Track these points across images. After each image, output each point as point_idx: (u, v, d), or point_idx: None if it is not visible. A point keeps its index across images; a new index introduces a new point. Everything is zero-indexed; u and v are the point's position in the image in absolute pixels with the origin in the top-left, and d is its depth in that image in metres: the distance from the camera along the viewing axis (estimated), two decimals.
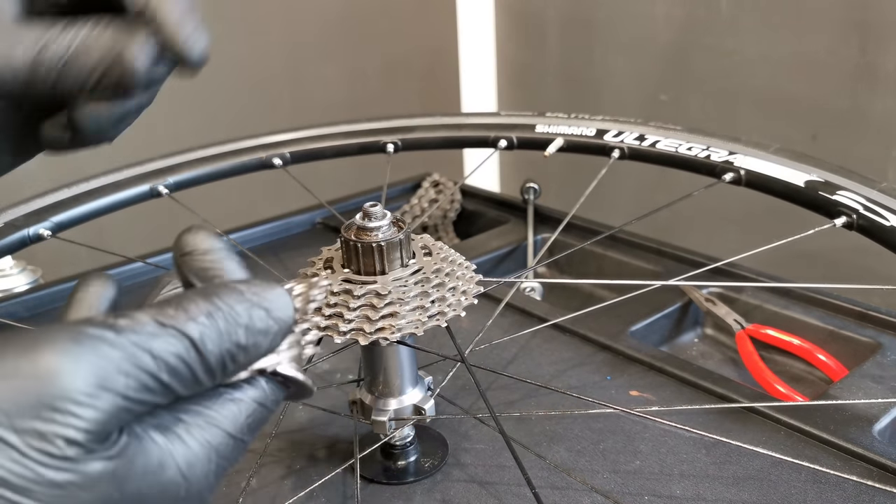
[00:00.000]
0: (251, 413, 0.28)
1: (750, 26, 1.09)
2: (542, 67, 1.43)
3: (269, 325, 0.27)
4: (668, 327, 0.66)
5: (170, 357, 0.24)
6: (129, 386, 0.23)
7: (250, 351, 0.27)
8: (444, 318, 0.41)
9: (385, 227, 0.41)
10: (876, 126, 1.00)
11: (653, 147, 0.66)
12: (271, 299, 0.27)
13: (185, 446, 0.25)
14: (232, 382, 0.28)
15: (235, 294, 0.27)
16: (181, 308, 0.25)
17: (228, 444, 0.27)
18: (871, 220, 0.53)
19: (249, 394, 0.28)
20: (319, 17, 1.34)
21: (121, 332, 0.24)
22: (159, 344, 0.24)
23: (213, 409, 0.27)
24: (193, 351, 0.25)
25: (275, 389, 0.29)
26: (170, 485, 0.25)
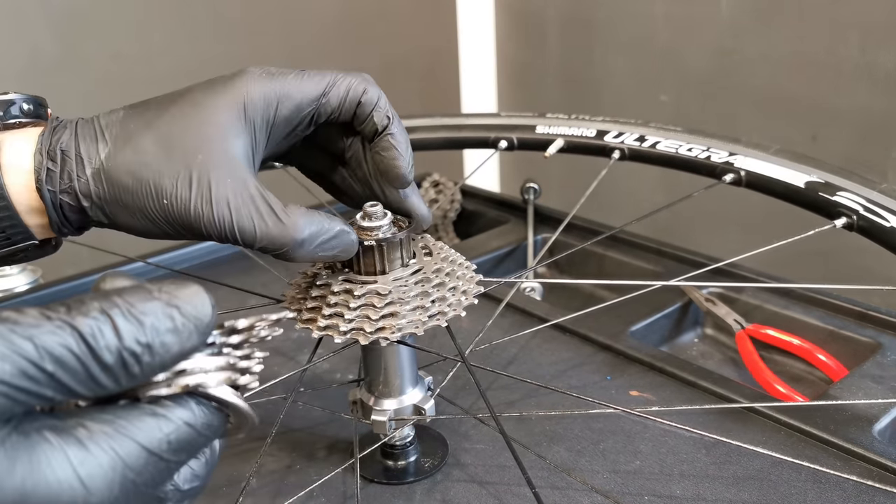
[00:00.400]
0: (174, 430, 0.26)
1: (750, 26, 1.09)
2: (542, 67, 1.43)
3: (179, 323, 0.26)
4: (668, 327, 0.66)
5: (55, 347, 0.23)
6: (5, 370, 0.22)
7: (157, 351, 0.25)
8: (444, 317, 0.41)
9: (385, 226, 0.41)
10: (876, 126, 1.00)
11: (653, 148, 0.66)
12: (183, 297, 0.26)
13: (85, 450, 0.24)
14: (156, 397, 0.26)
15: (140, 292, 0.25)
16: (73, 306, 0.24)
17: (141, 457, 0.25)
18: (872, 220, 0.53)
19: (174, 411, 0.26)
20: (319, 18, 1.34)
21: (1, 321, 0.23)
22: (41, 333, 0.23)
23: (125, 419, 0.25)
24: (83, 344, 0.24)
25: (206, 413, 0.27)
26: (63, 487, 0.23)
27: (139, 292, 0.25)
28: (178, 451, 0.26)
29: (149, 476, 0.26)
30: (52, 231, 0.39)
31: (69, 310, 0.24)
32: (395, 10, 1.44)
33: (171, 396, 0.27)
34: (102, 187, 0.37)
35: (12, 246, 0.38)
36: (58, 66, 1.06)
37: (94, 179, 0.37)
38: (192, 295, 0.26)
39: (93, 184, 0.37)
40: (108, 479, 0.24)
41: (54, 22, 1.06)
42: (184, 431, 0.26)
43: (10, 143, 0.37)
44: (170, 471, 0.27)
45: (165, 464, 0.26)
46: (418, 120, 0.77)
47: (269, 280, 0.73)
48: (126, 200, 0.37)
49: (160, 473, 0.26)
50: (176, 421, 0.26)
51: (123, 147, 0.37)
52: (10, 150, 0.37)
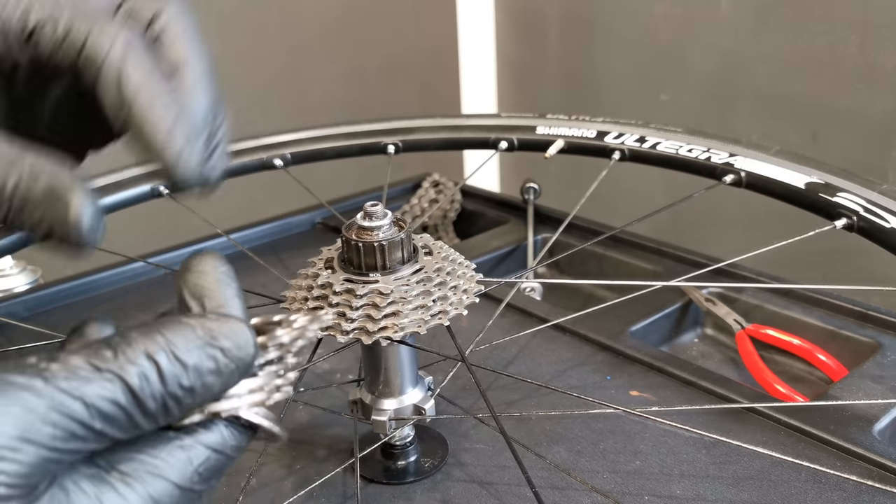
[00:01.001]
0: (204, 461, 0.25)
1: (750, 25, 1.10)
2: (542, 67, 1.43)
3: (222, 364, 0.25)
4: (668, 327, 0.66)
5: (103, 404, 0.22)
6: (56, 436, 0.22)
7: (198, 393, 0.24)
8: (445, 316, 0.41)
9: (386, 226, 0.41)
10: (876, 126, 1.00)
11: (653, 149, 0.66)
12: (227, 335, 0.25)
13: (123, 499, 0.23)
14: (184, 426, 0.26)
15: (184, 329, 0.24)
16: (119, 349, 0.23)
17: (173, 496, 0.25)
18: (872, 221, 0.53)
19: (204, 439, 0.26)
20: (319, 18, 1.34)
21: (50, 379, 0.22)
22: (92, 390, 0.22)
23: (157, 457, 0.25)
24: (130, 395, 0.23)
25: (236, 435, 0.26)
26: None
27: (182, 330, 0.24)
28: (209, 479, 0.26)
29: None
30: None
31: (116, 355, 0.23)
32: (395, 11, 1.44)
33: (202, 423, 0.26)
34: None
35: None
36: None
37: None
38: (236, 333, 0.25)
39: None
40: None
41: None
42: (214, 459, 0.26)
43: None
44: (199, 498, 0.26)
45: (197, 495, 0.26)
46: (418, 121, 0.77)
47: (268, 280, 0.73)
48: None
49: (192, 501, 0.26)
50: (205, 450, 0.26)
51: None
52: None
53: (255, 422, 0.27)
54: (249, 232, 0.84)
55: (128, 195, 0.71)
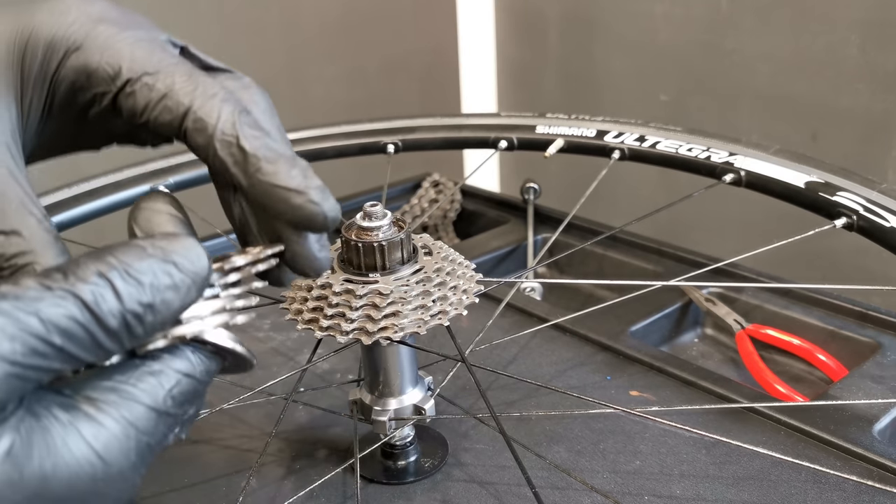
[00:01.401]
0: (175, 384, 0.26)
1: (750, 25, 1.10)
2: (542, 67, 1.43)
3: (177, 279, 0.25)
4: (668, 327, 0.66)
5: (60, 319, 0.22)
6: (16, 350, 0.21)
7: (159, 309, 0.24)
8: (445, 317, 0.41)
9: (386, 226, 0.41)
10: (876, 126, 1.00)
11: (653, 148, 0.66)
12: (178, 251, 0.25)
13: (98, 424, 0.24)
14: (151, 352, 0.26)
15: (135, 249, 0.25)
16: (70, 271, 0.23)
17: (150, 419, 0.25)
18: (872, 221, 0.53)
19: (172, 364, 0.26)
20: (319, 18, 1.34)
21: (2, 297, 0.22)
22: (45, 306, 0.22)
23: (128, 382, 0.25)
24: (87, 312, 0.23)
25: (204, 359, 0.27)
26: (82, 465, 0.23)
27: (133, 250, 0.25)
28: (183, 404, 0.26)
29: (160, 434, 0.25)
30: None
31: (66, 276, 0.23)
32: (395, 11, 1.44)
33: (168, 348, 0.26)
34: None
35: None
36: None
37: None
38: (187, 249, 0.26)
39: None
40: (123, 447, 0.24)
41: None
42: (185, 383, 0.26)
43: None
44: (176, 422, 0.26)
45: (172, 418, 0.26)
46: (418, 120, 0.77)
47: None
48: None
49: (168, 428, 0.26)
50: (175, 374, 0.26)
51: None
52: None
53: (221, 344, 0.27)
54: None
55: (128, 195, 0.71)
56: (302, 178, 0.29)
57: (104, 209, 0.70)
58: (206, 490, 0.47)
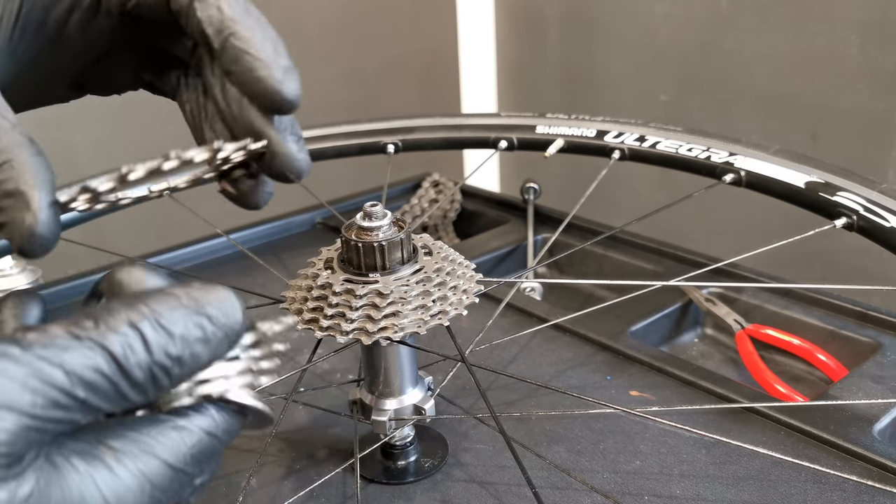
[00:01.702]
0: (196, 443, 0.25)
1: (750, 25, 1.10)
2: (542, 67, 1.43)
3: (209, 332, 0.24)
4: (668, 327, 0.66)
5: (85, 371, 0.22)
6: (37, 404, 0.21)
7: (187, 362, 0.24)
8: (445, 317, 0.41)
9: (386, 226, 0.41)
10: (876, 126, 1.00)
11: (653, 148, 0.66)
12: (213, 303, 0.24)
13: (113, 475, 0.23)
14: (176, 409, 0.26)
15: (169, 299, 0.24)
16: (101, 318, 0.23)
17: (166, 476, 0.24)
18: (872, 221, 0.53)
19: (196, 422, 0.25)
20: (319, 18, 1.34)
21: (28, 347, 0.22)
22: (72, 357, 0.22)
23: (149, 435, 0.24)
24: (114, 364, 0.22)
25: (227, 419, 0.26)
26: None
27: (167, 300, 0.24)
28: (200, 462, 0.26)
29: (173, 491, 0.25)
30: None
31: (96, 324, 0.23)
32: (394, 11, 1.44)
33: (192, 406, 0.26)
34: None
35: None
36: None
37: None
38: (222, 301, 0.25)
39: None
40: (136, 500, 0.24)
41: None
42: (206, 442, 0.26)
43: None
44: (191, 481, 0.26)
45: (188, 477, 0.26)
46: (418, 120, 0.77)
47: (269, 280, 0.73)
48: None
49: (182, 486, 0.26)
50: (198, 432, 0.26)
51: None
52: None
53: (245, 402, 0.27)
54: (249, 232, 0.84)
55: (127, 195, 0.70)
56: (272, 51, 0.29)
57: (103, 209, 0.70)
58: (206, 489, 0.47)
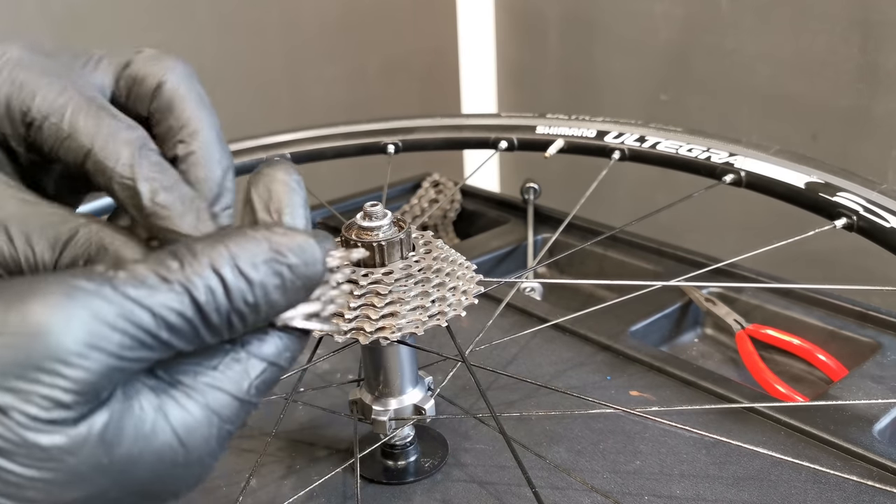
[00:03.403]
0: (261, 373, 0.26)
1: (750, 25, 1.09)
2: (542, 67, 1.43)
3: (287, 280, 0.24)
4: (668, 327, 0.66)
5: (170, 315, 0.22)
6: (124, 345, 0.22)
7: (263, 309, 0.24)
8: (444, 317, 0.41)
9: (386, 226, 0.41)
10: (876, 126, 1.00)
11: (653, 148, 0.66)
12: (294, 251, 0.25)
13: (184, 410, 0.24)
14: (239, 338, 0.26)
15: (250, 243, 0.24)
16: (185, 260, 0.23)
17: (233, 407, 0.25)
18: (872, 221, 0.53)
19: (259, 351, 0.26)
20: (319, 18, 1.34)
21: (118, 286, 0.22)
22: (160, 299, 0.22)
23: (216, 369, 0.25)
24: (196, 309, 0.23)
25: (289, 344, 0.26)
26: (165, 450, 0.23)
27: (249, 244, 0.24)
28: (263, 392, 0.26)
29: (238, 421, 0.25)
30: None
31: (182, 266, 0.23)
32: (395, 11, 1.44)
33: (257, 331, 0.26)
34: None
35: None
36: None
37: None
38: (304, 249, 0.25)
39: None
40: (205, 434, 0.24)
41: (54, 23, 1.06)
42: (269, 372, 0.26)
43: None
44: (252, 411, 0.26)
45: (252, 406, 0.26)
46: (418, 120, 0.77)
47: None
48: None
49: (246, 415, 0.26)
50: (262, 362, 0.26)
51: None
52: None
53: (311, 329, 0.26)
54: None
55: None
56: (195, 222, 0.28)
57: (103, 209, 0.70)
58: (206, 490, 0.47)
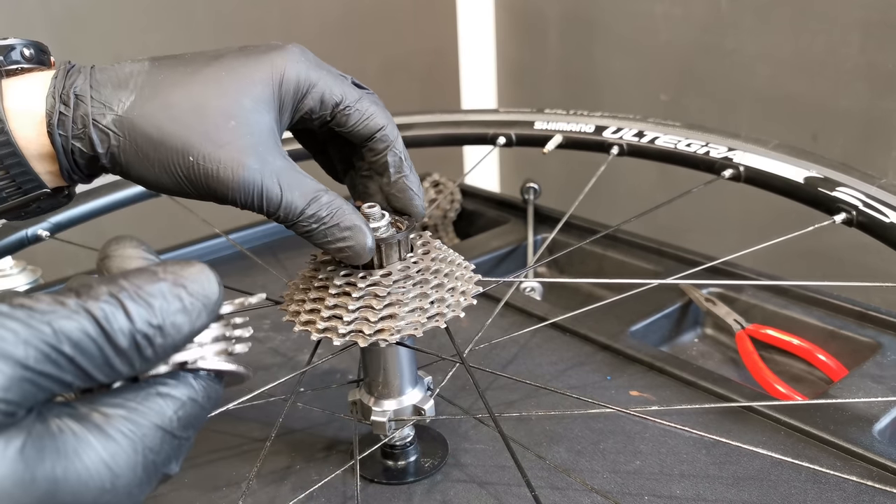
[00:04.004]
0: (180, 407, 0.27)
1: (750, 25, 1.09)
2: (542, 67, 1.43)
3: (187, 303, 0.26)
4: (668, 327, 0.66)
5: (72, 331, 0.23)
6: (29, 355, 0.23)
7: (168, 332, 0.25)
8: (442, 318, 0.41)
9: (384, 227, 0.41)
10: (876, 126, 1.00)
11: (652, 143, 0.66)
12: (189, 276, 0.26)
13: (106, 435, 0.24)
14: (157, 377, 0.27)
15: (146, 274, 0.26)
16: (82, 291, 0.24)
17: (157, 437, 0.26)
18: (871, 216, 0.53)
19: (178, 390, 0.27)
20: (319, 19, 1.34)
21: (17, 307, 0.23)
22: (57, 318, 0.23)
23: (135, 401, 0.26)
24: (97, 328, 0.24)
25: (206, 385, 0.28)
26: (92, 474, 0.24)
27: (145, 275, 0.26)
28: (187, 427, 0.27)
29: (164, 454, 0.26)
30: (62, 178, 0.38)
31: (79, 294, 0.24)
32: (395, 11, 1.44)
33: (171, 373, 0.27)
34: (124, 136, 0.37)
35: (24, 195, 0.38)
36: None
37: (114, 127, 0.37)
38: (198, 273, 0.27)
39: (111, 131, 0.37)
40: (130, 461, 0.25)
41: (54, 23, 1.06)
42: (189, 406, 0.27)
43: (16, 88, 0.37)
44: (180, 446, 0.27)
45: (177, 441, 0.27)
46: (416, 116, 0.77)
47: (268, 280, 0.73)
48: (147, 151, 0.37)
49: (173, 450, 0.27)
50: (181, 398, 0.27)
51: (151, 99, 0.37)
52: (16, 95, 0.36)
53: (221, 369, 0.28)
54: (248, 232, 0.84)
55: (126, 195, 0.71)
56: (418, 186, 0.44)
57: (103, 209, 0.70)
58: (207, 490, 0.47)
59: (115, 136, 0.37)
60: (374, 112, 0.42)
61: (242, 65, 0.39)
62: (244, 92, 0.38)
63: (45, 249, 0.69)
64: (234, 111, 0.38)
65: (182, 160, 0.37)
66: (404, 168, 0.43)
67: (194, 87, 0.38)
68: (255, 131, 0.38)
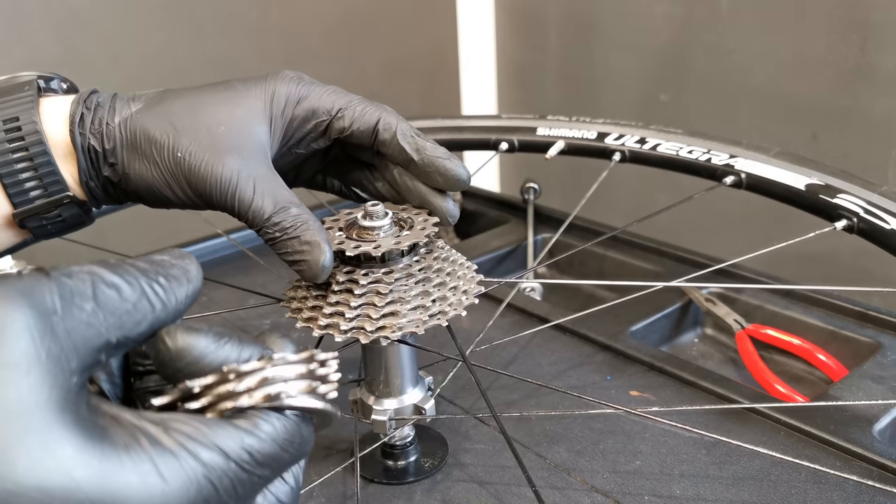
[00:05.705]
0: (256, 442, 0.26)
1: (750, 25, 1.10)
2: (542, 67, 1.43)
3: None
4: (668, 327, 0.66)
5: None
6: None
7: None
8: (444, 317, 0.41)
9: (387, 226, 0.42)
10: (876, 125, 1.00)
11: (654, 150, 0.66)
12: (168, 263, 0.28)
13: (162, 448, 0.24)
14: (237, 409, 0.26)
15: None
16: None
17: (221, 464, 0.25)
18: (872, 223, 0.53)
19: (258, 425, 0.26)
20: (319, 19, 1.34)
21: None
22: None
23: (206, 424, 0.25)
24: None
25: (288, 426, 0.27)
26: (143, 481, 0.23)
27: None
28: (262, 465, 0.26)
29: (230, 485, 0.25)
30: (80, 184, 0.42)
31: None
32: (395, 11, 1.44)
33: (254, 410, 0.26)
34: (126, 135, 0.41)
35: (49, 198, 0.41)
36: (58, 69, 1.06)
37: (120, 126, 0.41)
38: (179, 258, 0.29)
39: (118, 130, 0.41)
40: (185, 479, 0.24)
41: (55, 24, 1.06)
42: (267, 445, 0.26)
43: (50, 102, 0.42)
44: (253, 486, 0.26)
45: (248, 476, 0.25)
46: (418, 122, 0.77)
47: (268, 280, 0.73)
48: (143, 147, 0.41)
49: (243, 486, 0.25)
50: (258, 434, 0.26)
51: (155, 106, 0.42)
52: (48, 106, 0.42)
53: (306, 406, 0.27)
54: (249, 232, 0.84)
55: None
56: (446, 152, 0.44)
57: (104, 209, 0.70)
58: None
59: (119, 135, 0.41)
60: (367, 107, 0.44)
61: (240, 83, 0.44)
62: (237, 104, 0.42)
63: (45, 249, 0.69)
64: (225, 119, 0.42)
65: (171, 156, 0.40)
66: (420, 143, 0.44)
67: (194, 99, 0.42)
68: (242, 137, 0.41)
